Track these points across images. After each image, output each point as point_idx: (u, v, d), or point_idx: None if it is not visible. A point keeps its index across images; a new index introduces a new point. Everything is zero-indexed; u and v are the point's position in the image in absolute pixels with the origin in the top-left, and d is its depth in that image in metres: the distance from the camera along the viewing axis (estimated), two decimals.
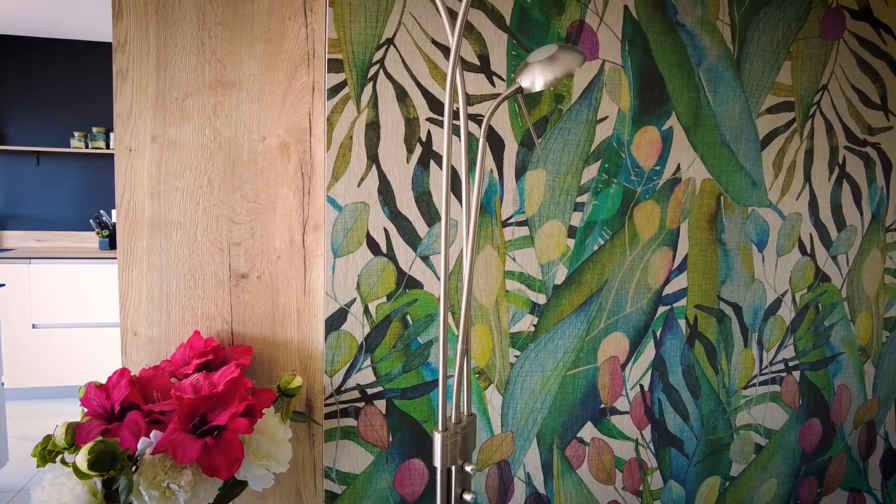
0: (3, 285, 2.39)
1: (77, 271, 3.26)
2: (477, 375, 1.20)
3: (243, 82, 1.27)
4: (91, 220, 3.59)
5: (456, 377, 0.90)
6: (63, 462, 1.01)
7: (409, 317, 1.16)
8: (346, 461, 1.16)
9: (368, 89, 1.11)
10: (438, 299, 1.17)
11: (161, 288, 1.27)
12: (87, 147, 3.61)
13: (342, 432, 1.16)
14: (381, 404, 1.17)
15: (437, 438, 0.88)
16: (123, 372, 1.09)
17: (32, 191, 3.70)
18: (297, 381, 1.15)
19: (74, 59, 3.66)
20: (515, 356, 1.22)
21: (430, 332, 1.17)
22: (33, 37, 3.60)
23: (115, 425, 1.03)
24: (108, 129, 3.68)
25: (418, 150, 1.14)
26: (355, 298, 1.14)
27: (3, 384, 2.49)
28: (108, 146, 3.64)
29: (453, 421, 0.91)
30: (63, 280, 3.25)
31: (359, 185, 1.12)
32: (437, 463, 0.88)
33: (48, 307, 3.25)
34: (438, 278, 1.17)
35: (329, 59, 1.10)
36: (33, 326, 3.24)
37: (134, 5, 1.22)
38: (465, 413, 0.93)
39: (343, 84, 1.11)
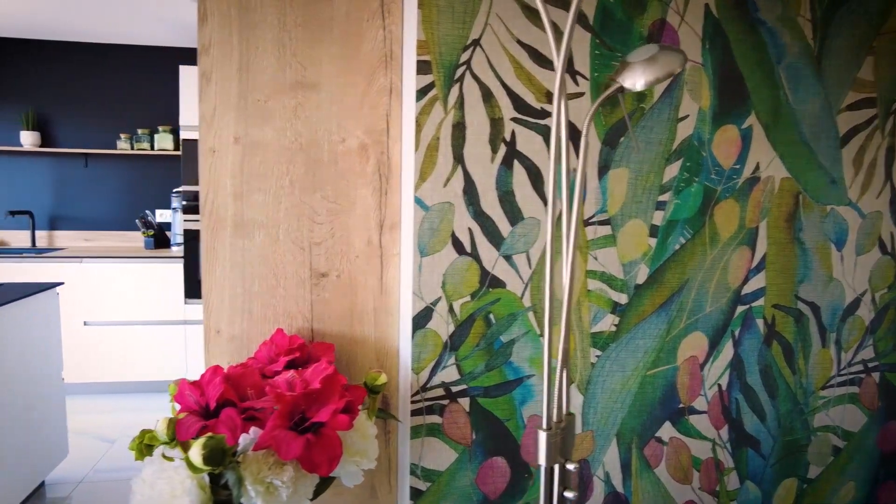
0: (61, 283, 2.45)
1: (125, 270, 3.34)
2: None
3: (323, 84, 1.28)
4: (137, 220, 3.67)
5: (557, 378, 0.91)
6: (165, 457, 1.04)
7: (492, 316, 1.17)
8: (431, 458, 1.18)
9: (455, 90, 1.12)
10: (521, 299, 1.18)
11: (243, 287, 1.29)
12: (132, 148, 3.69)
13: (427, 429, 1.17)
14: (464, 402, 1.18)
15: (542, 437, 0.89)
16: (216, 370, 1.11)
17: (81, 191, 3.79)
18: (383, 379, 1.17)
19: (120, 63, 3.74)
20: (597, 356, 1.22)
21: (512, 332, 1.18)
22: (80, 42, 3.69)
23: (211, 422, 1.06)
24: (153, 130, 3.75)
25: (503, 149, 1.14)
26: (440, 297, 1.15)
27: (63, 380, 2.55)
28: (152, 147, 3.70)
29: (555, 420, 0.91)
30: (112, 279, 3.33)
31: (445, 186, 1.13)
32: (542, 461, 0.89)
33: (98, 305, 3.33)
34: (521, 277, 1.17)
35: (418, 61, 1.11)
36: (85, 324, 3.32)
37: (217, 9, 1.25)
38: (565, 412, 0.94)
39: (431, 86, 1.12)
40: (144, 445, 1.13)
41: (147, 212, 3.69)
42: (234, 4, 1.24)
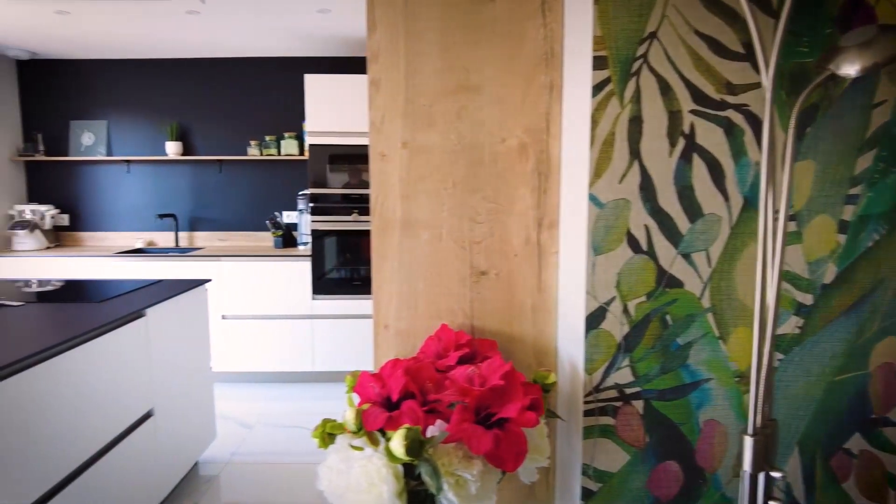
0: (209, 280, 2.66)
1: (256, 268, 3.58)
2: (737, 379, 1.15)
3: (485, 86, 1.30)
4: (267, 222, 3.92)
5: (764, 380, 0.87)
6: (353, 446, 1.10)
7: (668, 317, 1.13)
8: (602, 459, 1.16)
9: (632, 84, 1.10)
10: (699, 299, 1.13)
11: (409, 284, 1.34)
12: (261, 154, 3.95)
13: (600, 430, 1.16)
14: (638, 404, 1.15)
15: (748, 443, 0.85)
16: (396, 363, 1.16)
17: (216, 195, 4.12)
18: (553, 377, 1.17)
19: (249, 75, 4.02)
20: (779, 360, 1.15)
21: (689, 334, 1.14)
22: (215, 57, 4.00)
23: (395, 413, 1.10)
24: (279, 137, 3.99)
25: (681, 143, 1.11)
26: (614, 297, 1.13)
27: (211, 368, 2.78)
28: (279, 153, 3.95)
29: (759, 425, 0.87)
30: (245, 276, 3.58)
31: (620, 182, 1.11)
32: (747, 467, 0.85)
33: (234, 300, 3.60)
34: (701, 277, 1.13)
35: (594, 57, 1.10)
36: (223, 317, 3.60)
37: (385, 18, 1.30)
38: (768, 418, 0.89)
39: (607, 81, 1.10)
40: (326, 434, 1.20)
41: (276, 213, 3.93)
42: (400, 13, 1.29)
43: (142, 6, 2.95)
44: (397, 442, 0.94)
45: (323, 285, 3.60)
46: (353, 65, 3.98)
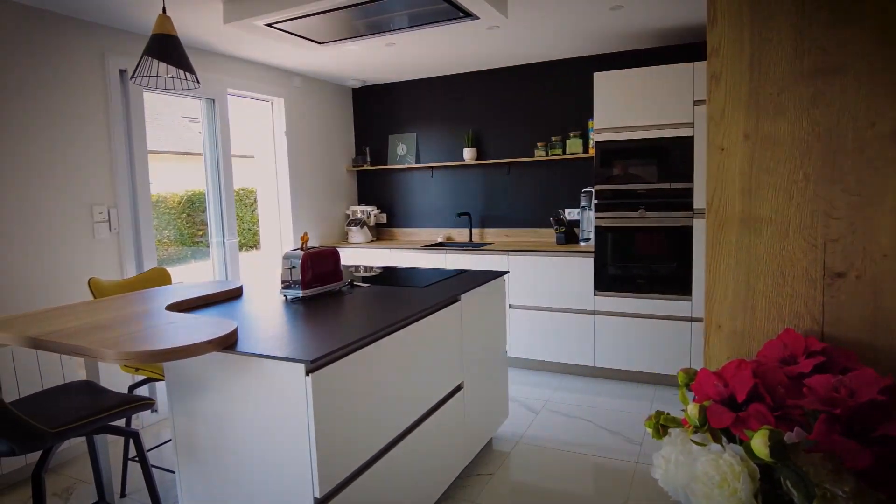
0: (507, 273, 2.91)
1: (540, 262, 3.78)
2: None
3: (848, 66, 1.17)
4: (551, 219, 4.11)
5: None
6: (695, 442, 1.10)
7: None
8: None
9: None
10: None
11: (747, 283, 1.28)
12: (546, 155, 4.15)
13: None
14: None
15: None
16: (741, 364, 1.13)
17: (503, 195, 4.47)
18: None
19: (536, 79, 4.25)
20: None
21: None
22: (505, 66, 4.33)
23: (742, 414, 1.07)
24: (564, 136, 4.14)
25: None
26: None
27: (506, 352, 3.04)
28: (564, 152, 4.10)
29: None
30: (530, 269, 3.82)
31: None
32: None
33: (519, 291, 3.86)
34: None
35: None
36: (510, 306, 3.90)
37: (728, 9, 1.26)
38: None
39: None
40: (660, 425, 1.23)
41: (559, 210, 4.09)
42: (745, 2, 1.24)
43: (451, 29, 3.34)
44: (760, 441, 0.92)
45: (605, 282, 3.62)
46: (639, 58, 3.90)
